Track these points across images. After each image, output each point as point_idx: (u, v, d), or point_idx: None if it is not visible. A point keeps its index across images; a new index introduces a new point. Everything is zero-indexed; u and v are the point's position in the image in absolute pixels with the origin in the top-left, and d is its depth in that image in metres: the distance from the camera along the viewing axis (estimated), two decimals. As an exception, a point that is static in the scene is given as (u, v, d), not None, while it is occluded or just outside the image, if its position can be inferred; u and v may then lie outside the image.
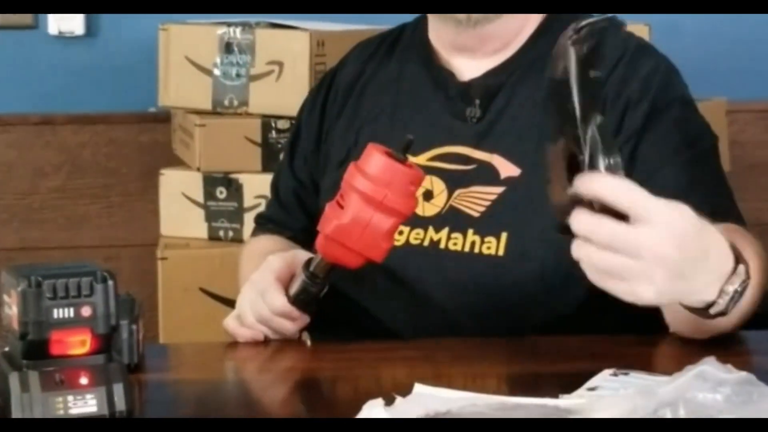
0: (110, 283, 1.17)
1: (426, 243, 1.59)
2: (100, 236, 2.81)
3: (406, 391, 1.23)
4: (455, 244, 1.58)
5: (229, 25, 2.44)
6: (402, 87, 1.69)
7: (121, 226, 2.81)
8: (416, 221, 1.59)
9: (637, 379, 1.32)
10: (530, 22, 1.67)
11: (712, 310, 1.29)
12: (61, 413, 1.14)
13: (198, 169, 2.47)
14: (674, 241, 1.20)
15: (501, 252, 1.56)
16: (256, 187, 2.40)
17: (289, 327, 1.50)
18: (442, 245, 1.58)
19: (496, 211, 1.58)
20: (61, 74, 2.82)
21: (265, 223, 1.81)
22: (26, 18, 2.80)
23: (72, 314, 1.15)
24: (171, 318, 2.40)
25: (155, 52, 2.51)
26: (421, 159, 1.61)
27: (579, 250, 1.22)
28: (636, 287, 1.20)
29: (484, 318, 1.57)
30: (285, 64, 2.40)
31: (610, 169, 1.21)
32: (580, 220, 1.21)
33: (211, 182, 2.46)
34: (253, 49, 2.42)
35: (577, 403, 1.23)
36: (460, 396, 1.24)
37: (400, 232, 1.58)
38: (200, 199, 2.46)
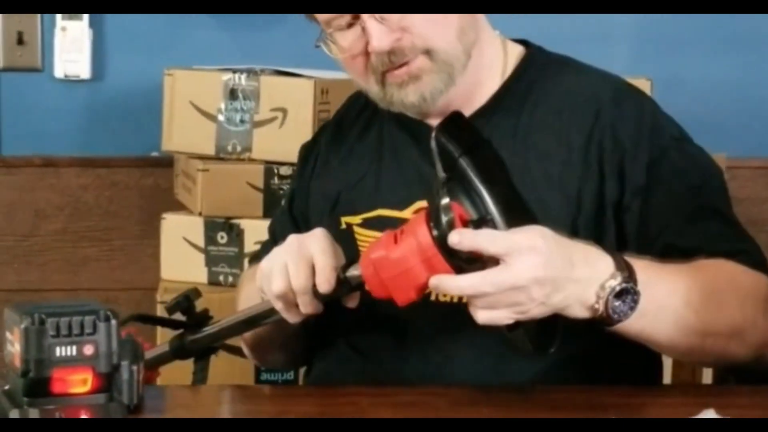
0: (113, 322, 1.18)
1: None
2: (100, 279, 2.81)
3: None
4: (444, 295, 1.52)
5: (234, 71, 2.46)
6: (384, 146, 1.68)
7: (121, 270, 2.81)
8: None
9: None
10: (492, 71, 1.64)
11: (598, 313, 1.36)
12: (60, 451, 1.15)
13: (199, 214, 2.47)
14: (541, 262, 1.32)
15: None
16: (257, 232, 2.41)
17: (312, 308, 1.48)
18: (432, 297, 1.54)
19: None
20: (66, 117, 2.84)
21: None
22: (33, 61, 2.82)
23: (74, 352, 1.16)
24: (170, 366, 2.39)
25: (160, 97, 2.53)
26: (407, 213, 1.60)
27: (480, 314, 1.33)
28: (532, 312, 1.33)
29: (496, 374, 1.55)
30: (289, 110, 2.42)
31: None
32: (464, 286, 1.32)
33: (212, 227, 2.47)
34: (258, 96, 2.44)
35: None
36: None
37: None
38: (201, 243, 2.47)
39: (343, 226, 1.65)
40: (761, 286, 1.51)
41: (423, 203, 1.60)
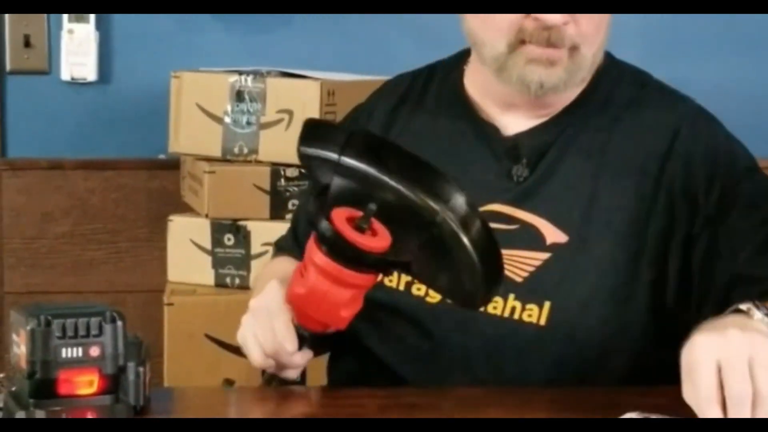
0: (119, 323, 1.18)
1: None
2: (107, 281, 2.81)
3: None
4: (494, 307, 1.53)
5: (240, 73, 2.46)
6: (440, 143, 1.63)
7: (128, 272, 2.81)
8: None
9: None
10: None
11: None
12: (66, 453, 1.15)
13: (206, 216, 2.47)
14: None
15: (543, 321, 1.52)
16: (264, 234, 2.41)
17: (298, 361, 1.47)
18: (481, 308, 1.52)
19: (540, 278, 1.53)
20: (73, 120, 2.84)
21: (278, 251, 1.79)
22: (40, 63, 2.82)
23: (80, 354, 1.16)
24: (176, 363, 2.40)
25: (167, 99, 2.53)
26: None
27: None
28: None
29: (512, 383, 1.53)
30: (295, 112, 2.42)
31: None
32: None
33: (219, 229, 2.47)
34: (264, 98, 2.44)
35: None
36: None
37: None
38: (208, 245, 2.47)
39: None
40: None
41: (482, 208, 1.54)
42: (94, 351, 1.16)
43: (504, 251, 1.46)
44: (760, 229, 1.52)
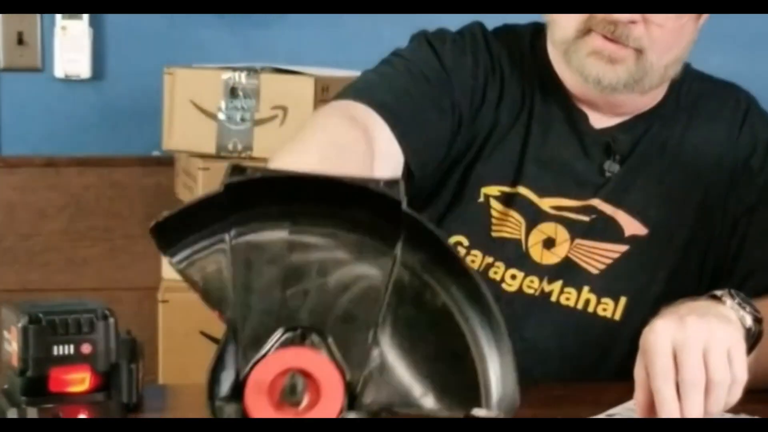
0: (111, 320, 1.18)
1: (538, 293, 1.52)
2: (102, 279, 2.81)
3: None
4: (567, 299, 1.52)
5: (234, 69, 2.45)
6: (532, 117, 1.57)
7: (122, 269, 2.81)
8: (533, 267, 1.53)
9: None
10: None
11: None
12: (58, 450, 1.14)
13: (201, 212, 2.46)
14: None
15: (617, 316, 1.52)
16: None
17: None
18: (553, 298, 1.52)
19: (616, 271, 1.52)
20: (67, 117, 2.83)
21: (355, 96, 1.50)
22: (33, 61, 2.81)
23: (72, 351, 1.15)
24: (171, 361, 2.40)
25: (160, 96, 2.52)
26: (545, 204, 1.54)
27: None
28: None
29: (582, 375, 1.52)
30: (289, 108, 2.41)
31: None
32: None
33: (213, 226, 2.46)
34: (258, 94, 2.44)
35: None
36: None
37: (513, 276, 1.53)
38: (202, 242, 2.46)
39: (481, 198, 1.55)
40: None
41: (568, 201, 1.54)
42: (86, 348, 1.15)
43: (582, 241, 1.50)
44: None
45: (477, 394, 0.98)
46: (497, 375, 0.99)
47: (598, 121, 1.58)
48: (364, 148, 1.39)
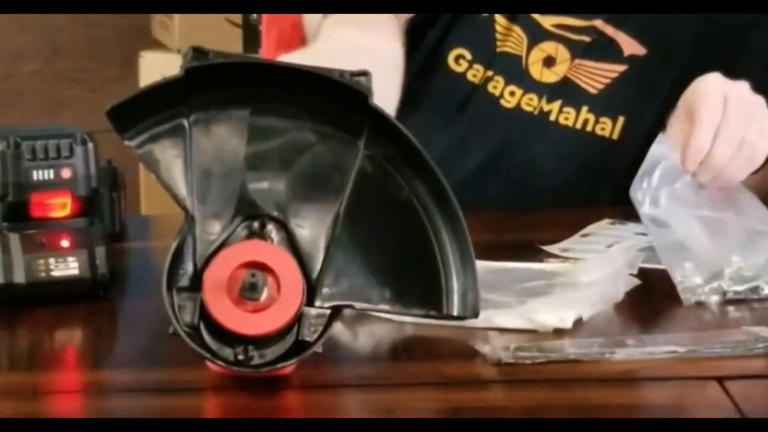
0: (90, 145, 1.16)
1: (536, 111, 1.53)
2: (80, 120, 2.74)
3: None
4: (566, 118, 1.52)
5: None
6: None
7: (101, 110, 2.76)
8: (531, 85, 1.53)
9: (631, 228, 1.33)
10: None
11: None
12: (42, 276, 1.13)
13: (178, 51, 2.43)
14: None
15: (615, 136, 1.51)
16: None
17: None
18: (552, 117, 1.52)
19: (615, 91, 1.52)
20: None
21: None
22: None
23: (52, 176, 1.14)
24: (153, 197, 2.39)
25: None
26: (546, 21, 1.53)
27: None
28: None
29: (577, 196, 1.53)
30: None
31: None
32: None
33: (191, 64, 2.44)
34: (234, -73, 2.39)
35: (562, 267, 1.23)
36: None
37: (512, 93, 1.53)
38: (181, 81, 2.44)
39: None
40: None
41: (567, 19, 1.53)
42: (66, 173, 1.14)
43: (582, 61, 1.50)
44: None
45: (438, 295, 0.97)
46: (459, 275, 0.97)
47: None
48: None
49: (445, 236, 0.98)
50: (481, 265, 1.21)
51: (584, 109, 1.52)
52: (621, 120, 1.51)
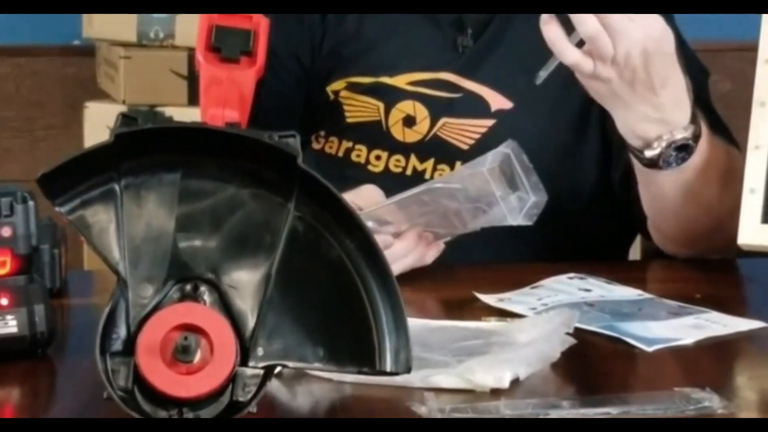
0: (30, 203, 1.16)
1: (409, 172, 1.57)
2: (24, 170, 2.78)
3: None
4: (441, 175, 1.56)
5: (154, -45, 2.42)
6: (382, 18, 1.61)
7: (44, 160, 2.76)
8: (396, 146, 1.57)
9: (594, 284, 1.37)
10: None
11: (652, 153, 1.36)
12: (-19, 334, 1.14)
13: (123, 102, 2.45)
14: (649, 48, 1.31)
15: None
16: (183, 119, 2.38)
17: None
18: (428, 175, 1.56)
19: (486, 144, 1.53)
20: (-17, 5, 2.78)
21: None
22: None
23: (-8, 234, 1.14)
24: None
25: (79, -17, 2.48)
26: (401, 81, 1.58)
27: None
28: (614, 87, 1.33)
29: (465, 251, 1.54)
30: (211, -5, 2.38)
31: None
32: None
33: (136, 115, 2.44)
34: (179, -20, 2.40)
35: (499, 326, 1.24)
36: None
37: (378, 157, 1.58)
38: (125, 132, 2.44)
39: (330, 96, 1.62)
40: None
41: (424, 75, 1.58)
42: (6, 231, 1.14)
43: (449, 120, 1.53)
44: None
45: (371, 352, 0.97)
46: (391, 332, 0.98)
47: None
48: None
49: (376, 294, 0.98)
50: (418, 323, 1.24)
51: (458, 164, 1.55)
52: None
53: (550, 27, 1.31)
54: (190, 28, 2.40)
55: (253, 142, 0.97)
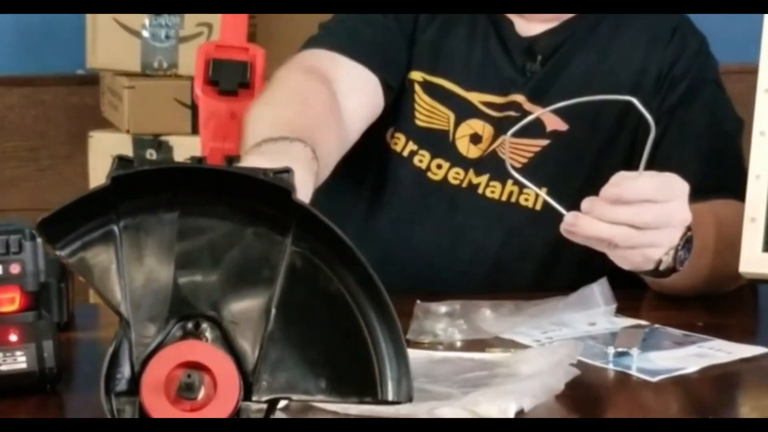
0: (39, 240, 1.17)
1: (465, 184, 1.61)
2: (29, 199, 2.79)
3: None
4: (492, 191, 1.60)
5: (157, -14, 2.43)
6: (459, 42, 1.66)
7: (50, 189, 2.79)
8: (459, 160, 1.61)
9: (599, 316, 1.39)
10: None
11: (665, 265, 1.34)
12: (-10, 370, 1.15)
13: (127, 132, 2.46)
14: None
15: (538, 206, 1.59)
16: (187, 149, 2.40)
17: None
18: (480, 190, 1.61)
19: (538, 163, 1.59)
20: (-11, 36, 2.80)
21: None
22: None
23: (0, 272, 1.15)
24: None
25: (83, 14, 2.49)
26: (474, 98, 1.62)
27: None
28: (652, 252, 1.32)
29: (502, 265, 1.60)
30: (214, 25, 2.40)
31: None
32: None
33: (140, 144, 2.46)
34: (182, 11, 2.42)
35: (503, 357, 1.25)
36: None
37: (439, 166, 1.62)
38: (130, 161, 2.45)
39: (407, 84, 1.64)
40: None
41: (493, 97, 1.62)
42: (15, 269, 1.15)
43: (505, 137, 1.55)
44: (708, 133, 1.59)
45: (372, 382, 0.98)
46: (392, 362, 0.99)
47: (524, 28, 1.65)
48: (325, 96, 1.49)
49: (376, 325, 0.99)
50: (423, 354, 1.25)
51: (509, 182, 1.60)
52: (543, 190, 1.55)
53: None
54: (193, 57, 2.41)
55: (249, 179, 0.98)
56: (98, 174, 2.49)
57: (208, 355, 0.97)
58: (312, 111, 1.45)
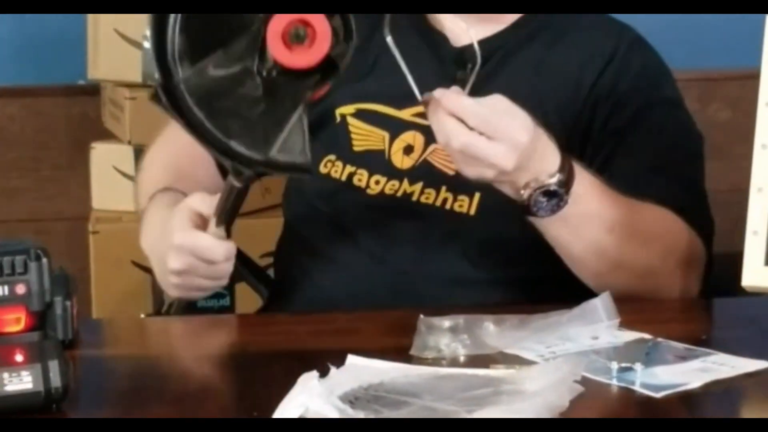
0: (44, 260, 1.18)
1: (399, 194, 1.64)
2: (31, 210, 2.79)
3: (339, 363, 1.24)
4: (427, 198, 1.62)
5: (158, -3, 2.43)
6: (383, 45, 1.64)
7: (51, 200, 2.79)
8: (393, 172, 1.64)
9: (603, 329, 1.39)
10: None
11: (522, 198, 1.43)
12: (-4, 390, 1.15)
13: (129, 142, 2.46)
14: (515, 157, 1.40)
15: (472, 211, 1.61)
16: (188, 159, 2.40)
17: (220, 253, 1.47)
18: (414, 198, 1.63)
19: None
20: (-10, 47, 2.80)
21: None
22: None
23: (6, 292, 1.16)
24: (104, 291, 2.40)
25: (84, 25, 2.50)
26: (406, 114, 1.65)
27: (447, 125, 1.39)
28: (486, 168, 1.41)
29: (444, 271, 1.62)
30: (215, 36, 2.40)
31: None
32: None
33: (142, 155, 2.45)
34: (183, 22, 2.42)
35: (507, 374, 1.25)
36: (393, 367, 1.26)
37: (377, 182, 1.65)
38: (131, 172, 2.46)
39: (338, 119, 1.68)
40: (694, 247, 1.56)
41: (420, 108, 1.60)
42: (20, 289, 1.16)
43: (437, 145, 1.56)
44: (662, 154, 1.61)
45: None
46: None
47: (461, 38, 1.66)
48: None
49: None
50: (428, 371, 1.26)
51: (443, 188, 1.63)
52: (477, 196, 1.61)
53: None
54: (194, 68, 2.42)
55: None
56: (100, 185, 2.49)
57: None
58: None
